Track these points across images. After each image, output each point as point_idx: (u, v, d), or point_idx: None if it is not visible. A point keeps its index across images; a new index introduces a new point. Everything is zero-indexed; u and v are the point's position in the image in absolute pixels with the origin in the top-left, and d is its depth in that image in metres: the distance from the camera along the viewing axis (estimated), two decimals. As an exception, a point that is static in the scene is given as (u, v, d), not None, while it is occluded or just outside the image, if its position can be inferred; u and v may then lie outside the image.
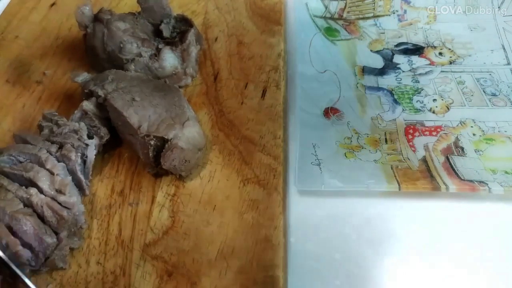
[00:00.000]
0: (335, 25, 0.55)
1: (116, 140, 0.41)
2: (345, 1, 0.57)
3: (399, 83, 0.48)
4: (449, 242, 0.37)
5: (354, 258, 0.36)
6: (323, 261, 0.36)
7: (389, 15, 0.56)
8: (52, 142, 0.37)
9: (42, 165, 0.35)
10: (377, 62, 0.51)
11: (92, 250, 0.35)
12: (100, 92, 0.40)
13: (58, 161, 0.36)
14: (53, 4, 0.58)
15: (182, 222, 0.37)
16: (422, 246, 0.37)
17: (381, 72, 0.50)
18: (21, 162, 0.35)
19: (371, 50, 0.52)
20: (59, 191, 0.34)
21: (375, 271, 0.35)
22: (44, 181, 0.34)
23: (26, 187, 0.34)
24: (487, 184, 0.37)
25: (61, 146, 0.37)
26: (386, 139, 0.43)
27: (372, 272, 0.35)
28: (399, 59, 0.51)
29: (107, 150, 0.41)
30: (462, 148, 0.41)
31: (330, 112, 0.45)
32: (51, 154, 0.36)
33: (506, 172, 0.39)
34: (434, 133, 0.43)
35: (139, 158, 0.41)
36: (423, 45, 0.52)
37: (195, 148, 0.38)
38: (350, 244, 0.37)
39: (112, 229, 0.36)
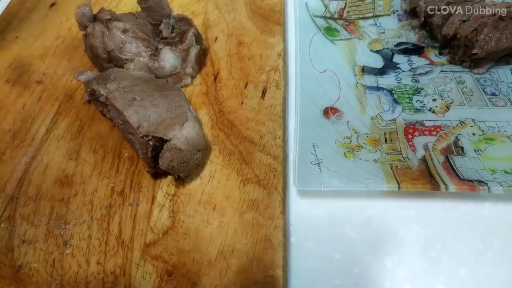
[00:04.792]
0: (335, 25, 0.55)
1: None
2: (345, 1, 0.58)
3: (399, 82, 0.48)
4: (449, 242, 0.37)
5: (354, 258, 0.36)
6: (323, 261, 0.36)
7: (389, 14, 0.56)
8: None
9: None
10: (377, 61, 0.51)
11: (92, 250, 0.35)
12: (103, 91, 0.40)
13: None
14: (53, 4, 0.58)
15: (182, 222, 0.37)
16: (421, 245, 0.37)
17: (381, 71, 0.50)
18: None
19: (371, 50, 0.52)
20: None
21: (375, 271, 0.35)
22: None
23: None
24: (487, 183, 0.37)
25: None
26: (385, 138, 0.43)
27: (372, 272, 0.35)
28: (399, 58, 0.51)
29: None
30: (462, 148, 0.41)
31: (330, 111, 0.45)
32: None
33: (506, 172, 0.39)
34: (433, 133, 0.43)
35: (139, 158, 0.41)
36: (423, 44, 0.52)
37: (194, 149, 0.38)
38: (350, 244, 0.37)
39: (112, 229, 0.36)
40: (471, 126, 0.43)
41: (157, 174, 0.39)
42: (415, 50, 0.52)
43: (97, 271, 0.34)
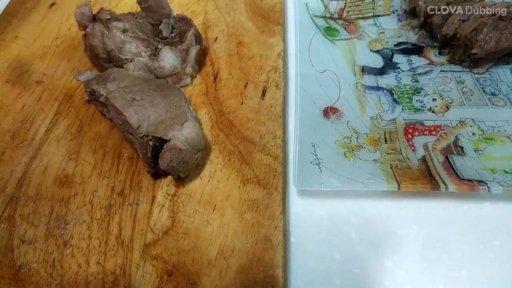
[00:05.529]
0: (334, 25, 0.55)
1: None
2: (344, 1, 0.57)
3: (399, 82, 0.48)
4: (448, 242, 0.37)
5: (354, 258, 0.36)
6: (323, 261, 0.36)
7: (389, 14, 0.56)
8: None
9: None
10: (377, 61, 0.51)
11: (92, 250, 0.35)
12: (102, 91, 0.40)
13: None
14: (53, 4, 0.58)
15: (182, 222, 0.37)
16: (421, 245, 0.37)
17: (381, 71, 0.50)
18: None
19: (370, 50, 0.52)
20: None
21: (374, 271, 0.35)
22: None
23: None
24: (487, 183, 0.37)
25: None
26: (385, 138, 0.43)
27: (371, 272, 0.35)
28: (398, 58, 0.51)
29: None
30: (462, 148, 0.42)
31: (329, 111, 0.45)
32: None
33: (506, 172, 0.39)
34: (433, 133, 0.43)
35: (139, 158, 0.41)
36: (422, 44, 0.52)
37: (193, 149, 0.38)
38: (350, 244, 0.37)
39: (112, 229, 0.36)
40: (471, 126, 0.43)
41: (157, 174, 0.39)
42: (415, 50, 0.52)
43: (97, 271, 0.34)
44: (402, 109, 0.46)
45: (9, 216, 0.38)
